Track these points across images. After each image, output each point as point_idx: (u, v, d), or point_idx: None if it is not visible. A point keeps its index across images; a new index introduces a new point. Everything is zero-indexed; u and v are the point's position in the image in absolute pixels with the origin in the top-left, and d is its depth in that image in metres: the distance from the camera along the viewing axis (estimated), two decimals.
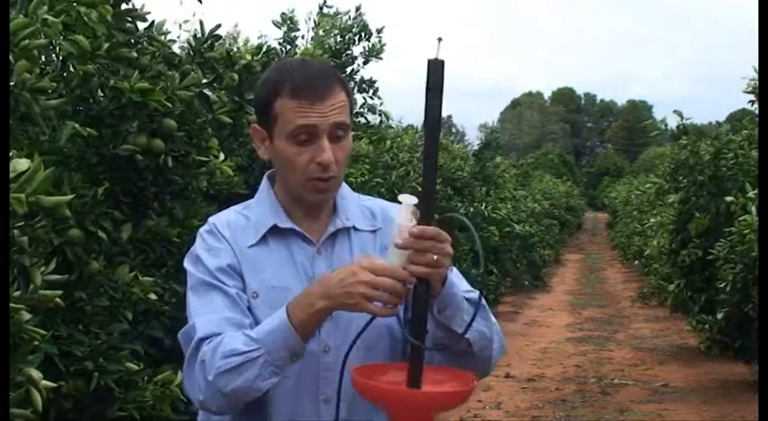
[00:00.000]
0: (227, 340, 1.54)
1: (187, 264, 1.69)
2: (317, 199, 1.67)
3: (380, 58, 6.51)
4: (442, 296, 1.53)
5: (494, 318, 1.66)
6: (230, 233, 1.68)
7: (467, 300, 1.58)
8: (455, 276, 1.60)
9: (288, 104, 1.61)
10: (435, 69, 1.47)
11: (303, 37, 6.24)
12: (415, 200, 1.49)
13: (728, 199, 6.61)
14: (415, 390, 1.46)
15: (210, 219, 1.73)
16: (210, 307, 1.60)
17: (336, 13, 6.43)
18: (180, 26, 4.75)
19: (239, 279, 1.64)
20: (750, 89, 6.95)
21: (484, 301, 1.60)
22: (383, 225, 1.73)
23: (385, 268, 1.47)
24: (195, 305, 1.63)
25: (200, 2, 3.15)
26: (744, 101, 7.24)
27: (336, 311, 1.60)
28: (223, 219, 1.71)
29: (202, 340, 1.56)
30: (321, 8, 6.42)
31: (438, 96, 1.48)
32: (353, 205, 1.75)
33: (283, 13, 5.91)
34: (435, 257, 1.47)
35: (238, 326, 1.57)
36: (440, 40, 1.45)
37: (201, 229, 1.72)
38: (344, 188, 1.75)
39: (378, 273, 1.47)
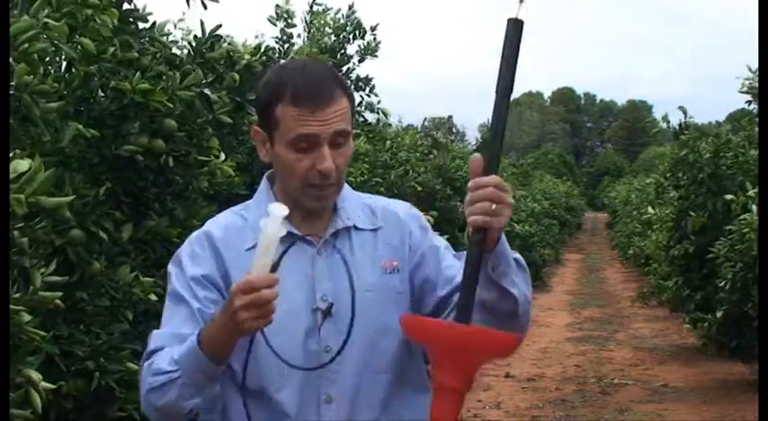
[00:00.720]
0: (158, 359, 1.58)
1: (170, 266, 1.70)
2: (316, 205, 1.66)
3: (376, 56, 6.52)
4: (496, 253, 1.52)
5: None
6: (224, 239, 1.67)
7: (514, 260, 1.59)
8: None
9: (289, 112, 1.60)
10: (514, 30, 1.46)
11: (300, 35, 6.25)
12: (285, 211, 1.47)
13: (729, 197, 6.62)
14: (473, 329, 1.44)
15: (206, 225, 1.72)
16: (173, 321, 1.63)
17: (326, 10, 6.42)
18: (175, 26, 4.75)
19: (213, 289, 1.64)
20: (746, 89, 6.96)
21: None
22: (383, 223, 1.72)
23: (251, 284, 1.44)
24: (164, 314, 1.67)
25: (205, 7, 3.14)
26: (743, 101, 7.27)
27: (336, 311, 1.61)
28: (220, 223, 1.71)
29: (151, 353, 1.61)
30: (311, 6, 6.42)
31: (515, 55, 1.46)
32: (354, 205, 1.74)
33: (278, 6, 5.89)
34: (494, 206, 1.45)
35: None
36: (521, 0, 1.44)
37: (194, 233, 1.72)
38: (345, 188, 1.74)
39: (248, 291, 1.44)
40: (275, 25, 5.96)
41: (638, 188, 17.72)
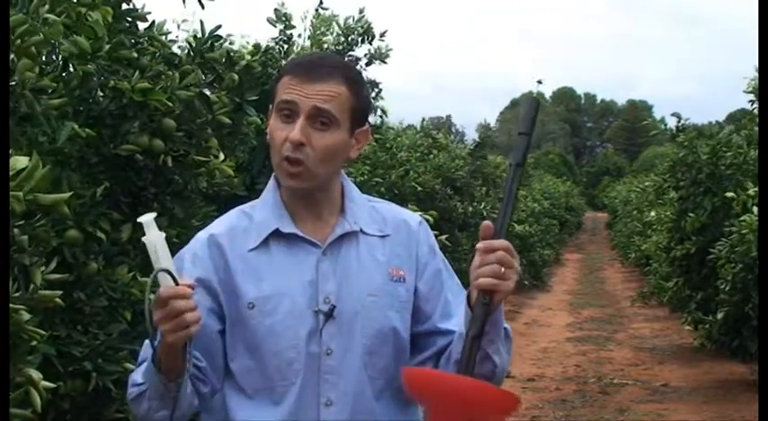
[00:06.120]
0: (137, 370, 1.62)
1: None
2: (289, 185, 1.65)
3: (385, 62, 6.49)
4: (492, 320, 1.52)
5: None
6: (229, 239, 1.67)
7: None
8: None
9: (283, 81, 1.64)
10: (531, 107, 1.57)
11: (300, 35, 6.22)
12: (151, 215, 1.51)
13: (729, 195, 6.62)
14: (479, 383, 1.41)
15: (212, 225, 1.72)
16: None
17: (333, 16, 6.40)
18: (178, 26, 4.73)
19: (206, 294, 1.63)
20: (750, 89, 6.96)
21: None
22: (392, 232, 1.71)
23: (160, 297, 1.46)
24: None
25: (203, 6, 3.13)
26: (744, 100, 7.27)
27: (339, 314, 1.60)
28: (225, 224, 1.70)
29: (139, 363, 1.64)
30: (317, 9, 6.39)
31: (531, 130, 1.60)
32: (362, 208, 1.73)
33: (276, 9, 5.88)
34: (503, 269, 1.47)
35: None
36: (540, 82, 1.51)
37: (199, 233, 1.72)
38: (353, 190, 1.74)
39: (161, 304, 1.46)
40: (275, 26, 5.95)
41: (639, 189, 17.69)
